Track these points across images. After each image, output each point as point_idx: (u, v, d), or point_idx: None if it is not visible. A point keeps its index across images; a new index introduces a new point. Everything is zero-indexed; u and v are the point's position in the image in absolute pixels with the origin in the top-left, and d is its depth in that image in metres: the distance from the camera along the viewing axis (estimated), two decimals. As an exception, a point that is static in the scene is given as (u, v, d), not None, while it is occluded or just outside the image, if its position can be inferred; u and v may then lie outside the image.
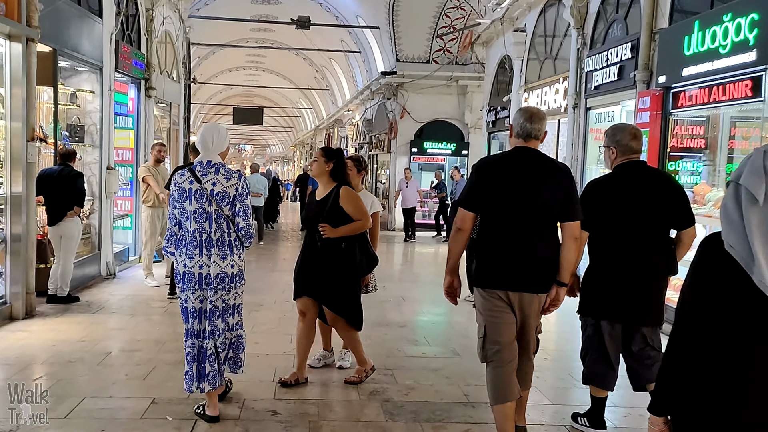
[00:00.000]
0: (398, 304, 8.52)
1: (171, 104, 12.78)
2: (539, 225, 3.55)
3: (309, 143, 41.09)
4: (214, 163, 4.16)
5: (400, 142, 19.55)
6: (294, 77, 32.11)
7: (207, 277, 4.07)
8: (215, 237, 4.07)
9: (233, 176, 4.18)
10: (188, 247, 4.08)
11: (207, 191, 4.05)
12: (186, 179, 4.11)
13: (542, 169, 3.58)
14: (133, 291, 8.62)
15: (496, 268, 3.58)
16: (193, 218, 4.05)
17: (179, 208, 4.11)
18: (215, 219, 4.07)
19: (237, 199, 4.14)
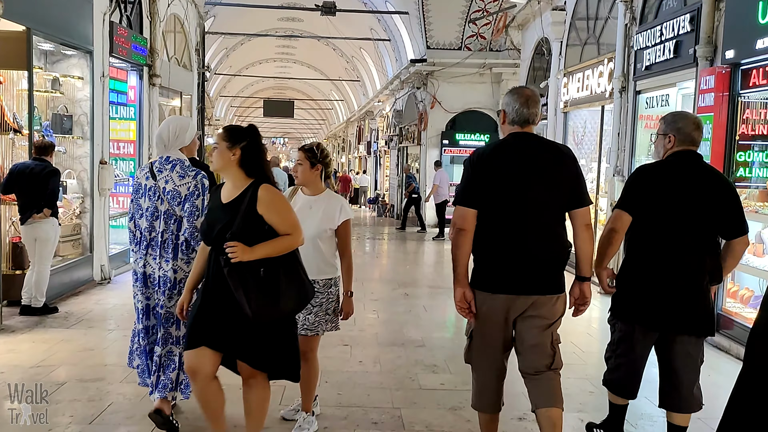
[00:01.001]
0: (418, 317, 7.40)
1: (181, 94, 11.82)
2: (548, 219, 3.20)
3: (341, 136, 40.15)
4: (173, 159, 3.89)
5: (430, 134, 18.40)
6: (325, 68, 31.18)
7: (150, 277, 3.86)
8: (163, 237, 3.82)
9: (188, 174, 3.85)
10: (139, 245, 3.91)
11: (160, 189, 3.81)
12: (144, 174, 3.92)
13: (546, 156, 3.23)
14: (123, 299, 7.67)
15: (498, 270, 3.20)
16: (145, 216, 3.86)
17: (135, 204, 3.93)
18: (165, 218, 3.82)
19: (187, 198, 3.80)
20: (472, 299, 3.21)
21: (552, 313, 3.21)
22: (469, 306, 3.21)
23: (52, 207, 6.52)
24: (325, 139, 48.96)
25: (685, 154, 3.57)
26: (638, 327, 3.56)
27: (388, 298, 8.58)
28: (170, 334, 3.86)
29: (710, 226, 3.50)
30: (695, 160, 3.58)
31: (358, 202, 29.17)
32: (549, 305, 3.19)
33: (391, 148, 23.67)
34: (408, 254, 13.49)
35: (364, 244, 14.88)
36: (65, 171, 8.10)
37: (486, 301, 3.20)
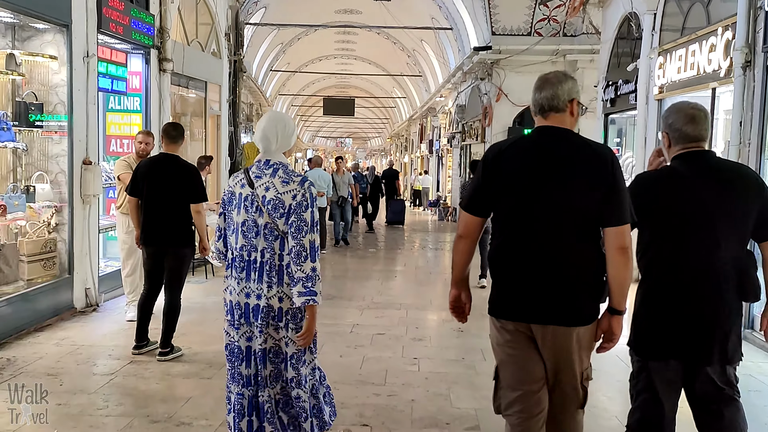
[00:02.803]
0: (474, 372, 5.32)
1: (207, 84, 10.09)
2: (571, 233, 2.61)
3: (404, 135, 38.20)
4: (273, 162, 3.18)
5: (495, 130, 16.16)
6: (386, 64, 29.34)
7: (254, 309, 3.11)
8: (264, 257, 3.09)
9: (293, 180, 3.13)
10: (234, 269, 3.16)
11: (258, 198, 3.09)
12: (238, 182, 3.21)
13: (572, 156, 2.63)
14: (96, 336, 5.94)
15: (513, 293, 2.70)
16: (239, 231, 3.14)
17: (227, 217, 3.23)
18: (266, 234, 3.09)
19: (293, 210, 3.07)
20: (468, 302, 2.94)
21: (580, 346, 2.68)
22: (462, 308, 2.93)
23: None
24: (389, 138, 47.15)
25: (689, 156, 2.90)
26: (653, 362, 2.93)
27: (435, 335, 6.54)
28: (280, 373, 3.21)
29: (742, 234, 2.86)
30: (702, 161, 2.90)
31: (421, 205, 27.14)
32: (576, 337, 2.65)
33: (453, 146, 21.53)
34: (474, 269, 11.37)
35: (419, 257, 12.80)
36: (36, 173, 6.44)
37: (504, 332, 2.75)
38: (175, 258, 5.25)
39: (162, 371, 5.04)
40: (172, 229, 5.22)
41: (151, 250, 5.28)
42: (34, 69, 6.43)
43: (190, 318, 6.66)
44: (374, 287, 8.99)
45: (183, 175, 5.22)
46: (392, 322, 6.95)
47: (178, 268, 5.28)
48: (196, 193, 5.26)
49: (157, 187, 5.20)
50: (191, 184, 5.23)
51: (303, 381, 3.18)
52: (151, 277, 5.34)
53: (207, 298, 7.73)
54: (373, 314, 7.25)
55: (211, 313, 6.99)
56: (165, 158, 5.28)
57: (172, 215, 5.20)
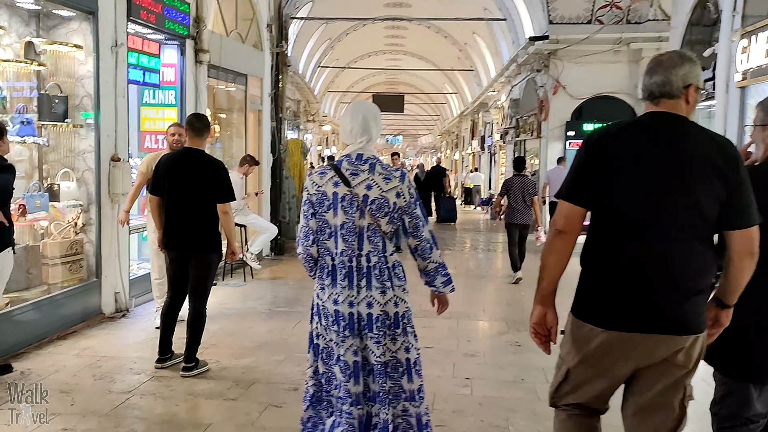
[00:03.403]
0: (534, 395, 4.65)
1: (247, 77, 9.65)
2: (691, 235, 2.31)
3: (455, 132, 37.38)
4: (367, 157, 2.93)
5: (552, 124, 15.32)
6: (436, 59, 28.65)
7: (362, 318, 2.89)
8: (370, 261, 2.88)
9: (394, 176, 2.92)
10: (333, 277, 2.91)
11: (359, 198, 2.85)
12: (328, 180, 2.91)
13: (695, 148, 2.32)
14: (120, 346, 5.52)
15: (610, 296, 2.34)
16: (338, 236, 2.89)
17: (317, 220, 2.93)
18: (370, 237, 2.88)
19: (404, 210, 2.91)
20: (555, 325, 2.50)
21: (689, 358, 2.34)
22: (548, 334, 2.50)
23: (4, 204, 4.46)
24: (439, 135, 46.39)
25: None
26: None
27: (489, 349, 5.88)
28: (402, 388, 3.00)
29: None
30: None
31: (472, 203, 26.35)
32: (686, 349, 2.31)
33: (506, 142, 20.68)
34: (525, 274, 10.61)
35: (470, 259, 12.11)
36: (61, 170, 6.06)
37: (592, 339, 2.37)
38: (200, 264, 4.76)
39: (184, 389, 4.55)
40: (196, 231, 4.72)
41: (173, 255, 4.81)
42: (59, 60, 6.05)
43: (222, 326, 6.20)
44: (423, 292, 8.33)
45: (208, 171, 4.72)
46: (442, 333, 6.32)
47: (202, 275, 4.79)
48: (222, 192, 4.76)
49: (179, 184, 4.71)
50: (217, 182, 4.73)
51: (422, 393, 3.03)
52: (175, 284, 4.87)
53: (244, 304, 7.26)
54: (421, 323, 6.58)
55: (246, 320, 6.51)
56: (188, 153, 4.79)
57: (196, 216, 4.71)
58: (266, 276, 9.02)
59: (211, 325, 6.11)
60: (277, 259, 10.53)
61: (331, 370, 3.04)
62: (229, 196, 4.79)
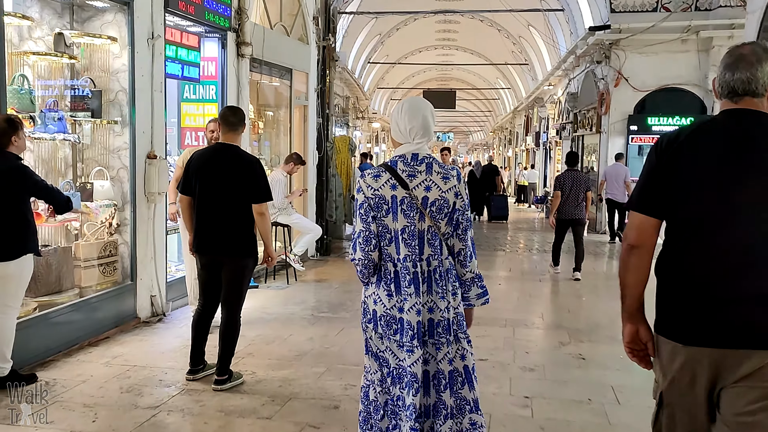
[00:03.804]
0: (604, 419, 4.12)
1: (292, 71, 9.32)
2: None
3: (507, 128, 36.52)
4: (423, 156, 2.77)
5: (613, 118, 14.56)
6: (489, 53, 27.95)
7: (429, 325, 2.75)
8: (431, 266, 2.75)
9: (451, 175, 2.78)
10: (397, 284, 2.73)
11: (418, 200, 2.70)
12: (385, 182, 2.73)
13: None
14: (153, 354, 5.23)
15: (695, 309, 2.11)
16: (400, 240, 2.73)
17: (377, 225, 2.74)
18: (430, 240, 2.75)
19: (457, 211, 2.78)
20: (650, 340, 2.27)
21: None
22: (644, 349, 2.27)
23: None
24: (491, 132, 45.51)
25: None
26: None
27: (550, 363, 5.36)
28: (464, 398, 2.82)
29: None
30: None
31: (525, 201, 25.58)
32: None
33: (563, 138, 19.91)
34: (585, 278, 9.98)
35: (524, 260, 11.51)
36: (95, 168, 5.83)
37: (676, 357, 2.15)
38: (234, 269, 4.41)
39: (215, 405, 4.20)
40: (229, 234, 4.37)
41: (205, 260, 4.47)
42: (93, 53, 5.82)
43: (261, 333, 5.86)
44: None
45: (243, 169, 4.36)
46: (496, 343, 5.83)
47: (236, 282, 4.43)
48: (258, 191, 4.39)
49: (211, 183, 4.36)
50: (253, 181, 4.36)
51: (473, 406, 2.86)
52: (207, 291, 4.53)
53: (285, 308, 6.92)
54: (474, 332, 6.10)
55: (286, 326, 6.15)
56: (222, 149, 4.44)
57: (230, 218, 4.35)
58: (310, 278, 8.68)
59: (249, 332, 5.80)
60: (322, 260, 10.19)
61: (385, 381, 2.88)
62: (265, 196, 4.42)
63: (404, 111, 2.80)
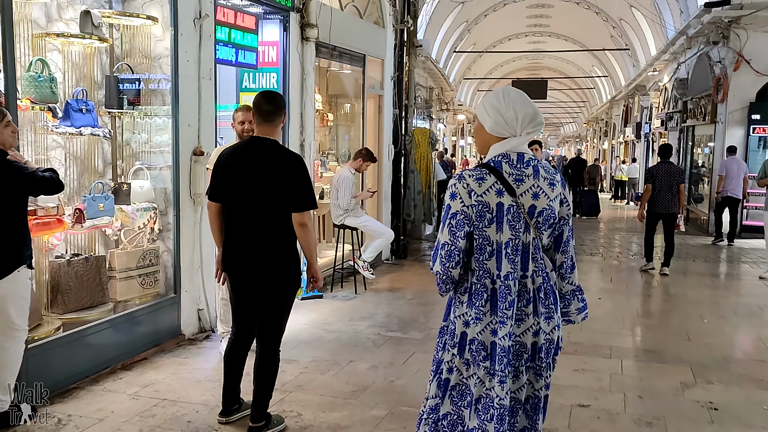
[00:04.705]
0: None
1: (365, 57, 8.48)
2: None
3: (603, 119, 34.37)
4: (529, 158, 2.45)
5: (732, 106, 12.89)
6: (585, 39, 26.16)
7: (526, 350, 2.46)
8: (536, 284, 2.46)
9: (556, 180, 2.50)
10: (493, 303, 2.43)
11: (524, 209, 2.41)
12: (490, 187, 2.40)
13: None
14: (189, 382, 4.50)
15: None
16: (503, 255, 2.42)
17: (478, 237, 2.42)
18: (534, 254, 2.46)
19: (562, 220, 2.54)
20: None
21: None
22: None
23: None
24: (585, 123, 43.19)
25: None
26: None
27: (675, 414, 4.22)
28: (537, 429, 2.57)
29: None
30: None
31: (623, 197, 23.74)
32: None
33: (669, 129, 18.13)
34: (704, 294, 8.61)
35: (623, 269, 10.17)
36: (133, 167, 5.18)
37: None
38: (270, 293, 3.59)
39: (246, 462, 3.41)
40: (265, 250, 3.55)
41: (235, 280, 3.67)
42: (133, 37, 5.17)
43: (316, 357, 5.06)
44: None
45: (281, 169, 3.52)
46: (599, 381, 4.76)
47: (274, 309, 3.61)
48: (299, 197, 3.54)
49: (242, 186, 3.56)
50: (293, 183, 3.52)
51: None
52: (240, 318, 3.73)
53: (349, 324, 6.09)
54: (570, 364, 5.10)
55: (347, 349, 5.31)
56: (255, 144, 3.61)
57: (266, 229, 3.53)
58: (382, 286, 7.81)
59: (303, 355, 5.04)
60: (397, 263, 9.29)
61: (459, 413, 2.54)
62: (308, 203, 3.56)
63: (509, 97, 2.44)
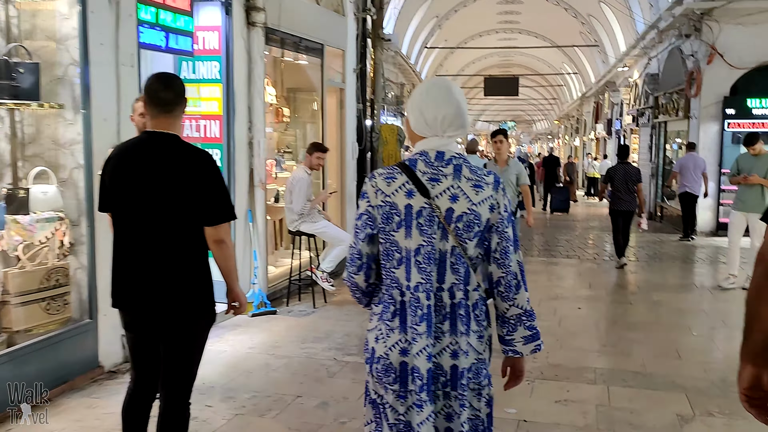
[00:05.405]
0: None
1: (323, 47, 7.60)
2: None
3: (574, 116, 33.90)
4: (451, 156, 2.11)
5: (705, 101, 12.26)
6: (555, 36, 25.56)
7: (445, 373, 2.08)
8: (455, 298, 2.08)
9: (485, 182, 2.10)
10: (403, 318, 2.07)
11: (441, 212, 2.05)
12: (399, 187, 2.08)
13: None
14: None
15: None
16: (412, 263, 2.07)
17: (385, 241, 2.10)
18: (454, 264, 2.08)
19: (495, 228, 2.11)
20: None
21: None
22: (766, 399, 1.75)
23: None
24: (556, 120, 42.80)
25: None
26: None
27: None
28: None
29: None
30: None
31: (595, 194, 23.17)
32: None
33: (640, 125, 17.55)
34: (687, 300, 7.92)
35: (606, 270, 9.44)
36: (34, 169, 4.26)
37: None
38: (176, 335, 2.71)
39: None
40: (166, 278, 2.68)
41: (129, 318, 2.79)
42: (35, 15, 4.25)
43: (257, 392, 4.21)
44: (547, 330, 5.97)
45: (187, 172, 2.65)
46: (585, 416, 3.98)
47: (182, 354, 2.73)
48: (213, 206, 2.68)
49: (134, 195, 2.67)
50: (204, 190, 2.66)
51: None
52: (138, 364, 2.85)
53: (302, 347, 5.24)
54: (551, 393, 4.33)
55: (296, 380, 4.46)
56: (151, 142, 2.71)
57: (167, 251, 2.67)
58: (344, 298, 6.89)
59: (242, 390, 4.19)
60: (363, 270, 8.45)
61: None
62: (223, 213, 2.70)
63: (431, 94, 2.13)
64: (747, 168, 7.17)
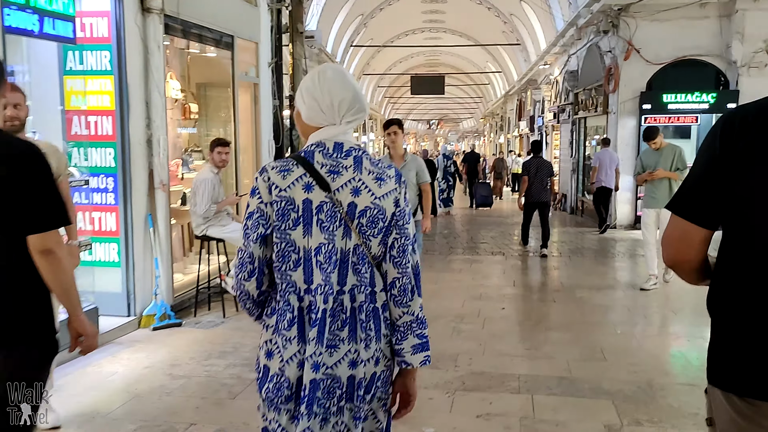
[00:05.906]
0: None
1: (234, 39, 7.02)
2: None
3: (499, 114, 34.25)
4: (350, 147, 1.90)
5: (623, 96, 12.35)
6: (479, 35, 25.68)
7: (341, 385, 1.84)
8: (356, 302, 1.86)
9: (388, 175, 1.91)
10: (300, 326, 1.84)
11: (342, 207, 1.84)
12: (296, 181, 1.83)
13: None
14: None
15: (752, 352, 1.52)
16: (313, 263, 1.83)
17: (281, 241, 1.83)
18: (356, 264, 1.86)
19: (395, 223, 1.89)
20: None
21: None
22: None
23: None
24: (482, 118, 43.27)
25: None
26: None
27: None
28: None
29: None
30: None
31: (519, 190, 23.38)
32: None
33: (561, 121, 17.68)
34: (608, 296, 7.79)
35: (532, 267, 9.25)
36: None
37: (737, 414, 1.54)
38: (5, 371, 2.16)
39: None
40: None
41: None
42: None
43: (145, 418, 3.66)
44: (471, 334, 5.62)
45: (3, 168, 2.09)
46: (508, 430, 3.63)
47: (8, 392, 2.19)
48: (37, 210, 2.09)
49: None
50: (24, 191, 2.08)
51: None
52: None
53: (204, 364, 4.68)
54: (473, 407, 3.96)
55: (190, 405, 3.92)
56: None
57: None
58: (259, 305, 6.41)
59: (127, 420, 3.64)
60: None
61: None
62: (51, 218, 2.12)
63: (327, 80, 1.86)
64: (651, 164, 6.96)
